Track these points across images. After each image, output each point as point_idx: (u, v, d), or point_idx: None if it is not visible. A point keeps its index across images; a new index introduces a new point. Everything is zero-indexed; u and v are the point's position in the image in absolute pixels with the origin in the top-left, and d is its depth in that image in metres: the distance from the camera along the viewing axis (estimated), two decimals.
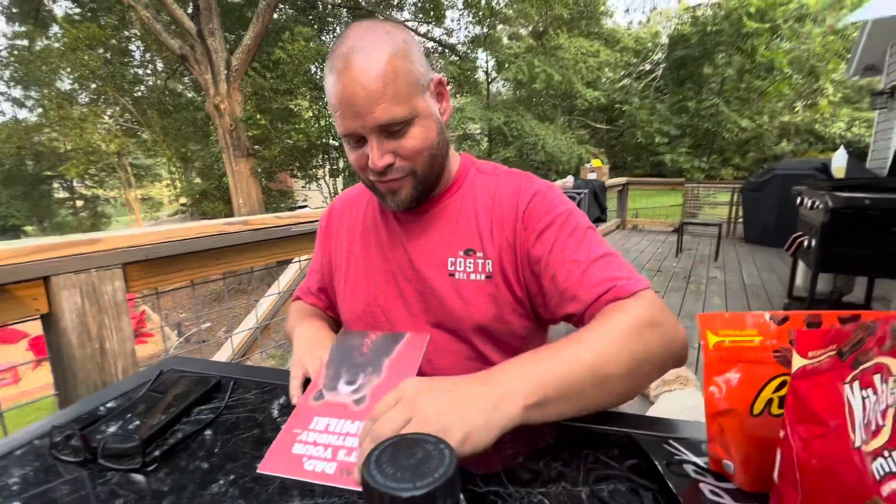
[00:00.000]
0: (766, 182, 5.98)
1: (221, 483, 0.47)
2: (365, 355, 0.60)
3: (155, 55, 12.62)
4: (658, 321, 0.57)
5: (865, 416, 0.37)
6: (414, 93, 0.64)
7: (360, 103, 0.61)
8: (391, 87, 0.61)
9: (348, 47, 0.62)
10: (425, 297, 0.75)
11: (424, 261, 0.75)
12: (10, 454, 0.52)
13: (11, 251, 0.95)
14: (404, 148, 0.65)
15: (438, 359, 0.75)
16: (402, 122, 0.64)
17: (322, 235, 0.89)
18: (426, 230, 0.76)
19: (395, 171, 0.67)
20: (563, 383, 0.48)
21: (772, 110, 17.44)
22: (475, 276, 0.72)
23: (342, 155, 11.47)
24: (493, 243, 0.72)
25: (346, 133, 0.65)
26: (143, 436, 0.51)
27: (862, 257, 2.50)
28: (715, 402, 0.44)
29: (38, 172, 17.06)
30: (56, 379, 1.12)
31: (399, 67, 0.62)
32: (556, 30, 15.42)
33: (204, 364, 0.77)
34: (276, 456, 0.50)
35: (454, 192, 0.77)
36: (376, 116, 0.62)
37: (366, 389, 0.55)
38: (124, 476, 0.48)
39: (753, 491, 0.43)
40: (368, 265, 0.79)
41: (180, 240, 1.26)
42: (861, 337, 0.36)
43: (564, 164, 14.27)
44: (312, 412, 0.54)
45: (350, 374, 0.58)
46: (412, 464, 0.21)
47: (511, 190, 0.74)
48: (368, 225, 0.82)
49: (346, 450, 0.49)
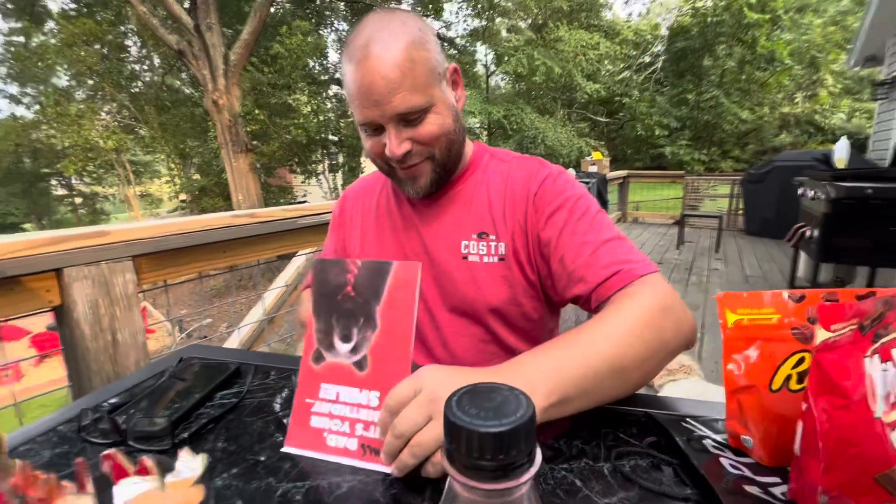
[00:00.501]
0: (766, 174, 5.98)
1: (250, 462, 0.48)
2: (352, 299, 0.53)
3: (152, 50, 12.54)
4: (668, 306, 0.58)
5: (885, 388, 0.38)
6: (431, 81, 0.65)
7: (379, 92, 0.62)
8: (409, 77, 0.62)
9: (366, 37, 0.63)
10: (439, 280, 0.76)
11: (438, 245, 0.76)
12: (41, 436, 0.53)
13: (24, 243, 0.96)
14: (422, 135, 0.66)
15: (453, 342, 0.76)
16: (420, 110, 0.64)
17: (336, 223, 0.90)
18: (440, 215, 0.77)
19: (413, 156, 0.68)
20: (583, 379, 0.48)
21: (772, 102, 17.42)
22: (488, 258, 0.73)
23: (341, 150, 11.46)
24: (505, 226, 0.73)
25: (365, 122, 0.66)
26: (172, 418, 0.52)
27: (863, 247, 2.51)
28: (734, 379, 0.45)
29: (35, 170, 17.01)
30: (70, 371, 1.13)
31: (416, 56, 0.63)
32: (556, 22, 15.34)
33: (222, 352, 0.78)
34: (298, 431, 0.51)
35: (468, 177, 0.78)
36: (395, 105, 0.63)
37: (364, 348, 0.51)
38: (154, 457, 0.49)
39: (772, 465, 0.44)
40: (382, 250, 0.81)
41: (189, 232, 1.26)
42: (882, 311, 0.37)
43: (564, 157, 14.24)
44: (318, 377, 0.53)
45: (342, 327, 0.52)
46: (493, 406, 0.22)
47: (523, 174, 0.75)
48: (382, 210, 0.83)
49: (362, 423, 0.49)
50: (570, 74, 14.20)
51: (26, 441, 0.52)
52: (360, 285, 0.53)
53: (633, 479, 0.43)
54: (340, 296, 0.53)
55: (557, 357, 0.50)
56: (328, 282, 0.54)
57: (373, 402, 0.50)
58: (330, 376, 0.52)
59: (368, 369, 0.51)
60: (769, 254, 5.32)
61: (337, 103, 11.54)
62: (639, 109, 17.03)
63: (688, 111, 16.77)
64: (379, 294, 0.52)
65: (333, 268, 0.54)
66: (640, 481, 0.43)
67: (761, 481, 0.42)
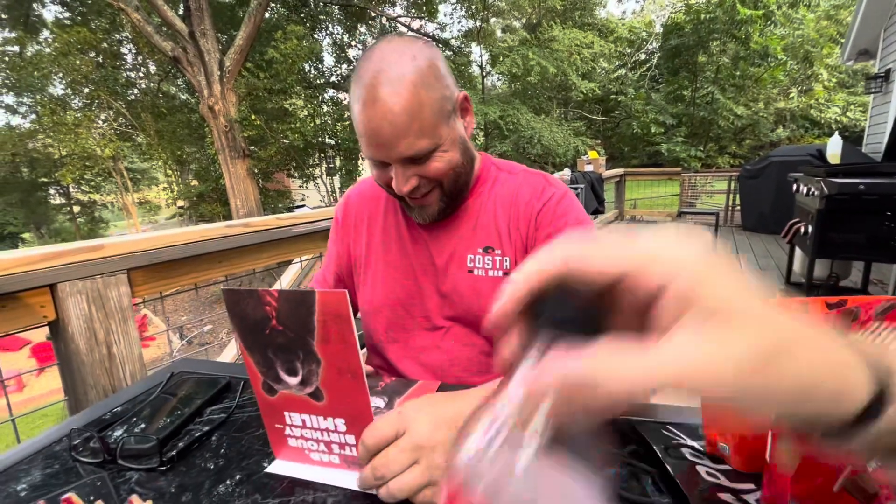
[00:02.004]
0: (762, 169, 6.00)
1: (237, 479, 0.49)
2: (282, 333, 0.46)
3: (147, 58, 12.56)
4: None
5: None
6: (439, 121, 0.65)
7: (386, 137, 0.63)
8: (417, 121, 0.62)
9: (374, 75, 0.62)
10: (443, 292, 0.77)
11: (445, 257, 0.77)
12: (31, 458, 0.54)
13: (17, 260, 0.96)
14: (429, 171, 0.67)
15: (455, 352, 0.77)
16: (427, 152, 0.65)
17: (339, 227, 0.90)
18: (448, 228, 0.78)
19: (420, 188, 0.69)
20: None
21: (767, 97, 17.44)
22: (493, 272, 0.74)
23: (338, 154, 11.47)
24: (510, 241, 0.75)
25: (371, 158, 0.67)
26: (160, 436, 0.52)
27: (858, 242, 2.52)
28: None
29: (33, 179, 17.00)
30: (65, 385, 1.13)
31: (425, 98, 0.63)
32: (550, 22, 15.37)
33: (213, 366, 0.79)
34: (281, 449, 0.52)
35: (476, 193, 0.79)
36: (401, 150, 0.63)
37: (314, 381, 0.47)
38: (143, 475, 0.50)
39: (747, 471, 0.45)
40: (388, 259, 0.81)
41: (183, 244, 1.27)
42: (846, 322, 0.38)
43: (561, 156, 14.27)
44: (279, 407, 0.50)
45: (283, 361, 0.47)
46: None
47: (529, 190, 0.76)
48: (389, 220, 0.83)
49: (336, 444, 0.49)
50: (564, 73, 14.23)
51: (18, 462, 0.53)
52: (285, 318, 0.46)
53: (612, 489, 0.44)
54: (267, 330, 0.46)
55: None
56: (247, 315, 0.47)
57: (340, 428, 0.49)
58: (290, 405, 0.49)
59: (325, 400, 0.48)
60: (766, 249, 5.34)
61: (333, 107, 11.55)
62: (634, 107, 17.06)
63: (683, 108, 16.79)
64: (310, 328, 0.45)
65: (247, 299, 0.46)
66: (619, 491, 0.43)
67: (736, 488, 0.42)
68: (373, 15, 11.57)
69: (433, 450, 0.42)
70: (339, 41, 12.22)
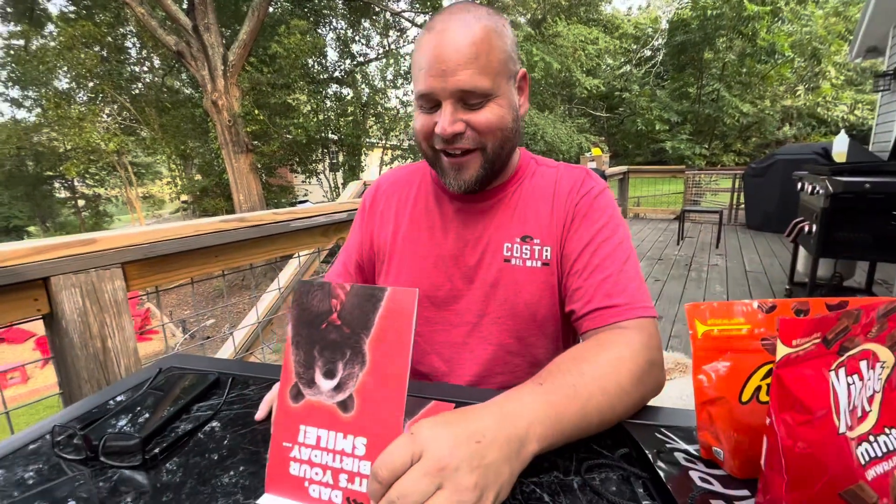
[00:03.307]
0: (767, 167, 5.95)
1: (221, 478, 0.48)
2: (338, 329, 0.46)
3: (151, 52, 12.56)
4: (657, 361, 0.59)
5: (851, 402, 0.37)
6: (502, 70, 0.65)
7: (449, 63, 0.61)
8: (483, 57, 0.62)
9: (450, 13, 0.64)
10: (475, 283, 0.75)
11: (481, 247, 0.75)
12: (14, 453, 0.53)
13: (10, 253, 0.96)
14: (479, 121, 0.65)
15: (480, 349, 0.75)
16: (483, 94, 0.63)
17: (366, 214, 0.86)
18: (483, 218, 0.76)
19: (463, 140, 0.66)
20: (575, 428, 0.48)
21: (773, 94, 17.31)
22: (531, 262, 0.73)
23: (341, 149, 11.44)
24: (551, 231, 0.73)
25: (425, 92, 0.64)
26: (143, 434, 0.51)
27: (862, 242, 2.49)
28: (704, 391, 0.45)
29: (38, 173, 17.08)
30: (60, 378, 1.13)
31: (494, 42, 0.63)
32: (555, 17, 15.26)
33: (203, 361, 0.78)
34: (278, 478, 0.46)
35: (515, 183, 0.77)
36: (460, 80, 0.61)
37: (350, 386, 0.45)
38: (125, 473, 0.49)
39: (743, 477, 0.43)
40: (416, 249, 0.78)
41: (178, 238, 1.26)
42: (846, 325, 0.36)
43: (564, 153, 14.20)
44: (296, 418, 0.46)
45: (326, 361, 0.46)
46: None
47: (570, 183, 0.75)
48: (420, 208, 0.80)
49: (346, 474, 0.44)
50: (569, 70, 14.14)
51: (1, 458, 0.52)
52: (347, 313, 0.46)
53: (602, 494, 0.43)
54: (324, 324, 0.46)
55: (556, 404, 0.47)
56: (310, 308, 0.47)
57: (359, 451, 0.44)
58: (310, 418, 0.46)
59: (355, 411, 0.44)
60: (770, 248, 5.30)
61: (336, 102, 11.53)
62: (639, 104, 16.96)
63: (689, 105, 16.67)
64: (369, 324, 0.45)
65: (317, 291, 0.48)
66: (609, 496, 0.42)
67: (729, 494, 0.41)
68: (377, 9, 11.51)
69: (457, 469, 0.36)
70: (343, 36, 12.16)
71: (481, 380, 0.75)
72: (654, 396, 0.59)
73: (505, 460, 0.40)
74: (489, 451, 0.39)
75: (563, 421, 0.46)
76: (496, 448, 0.39)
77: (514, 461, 0.41)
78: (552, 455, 0.48)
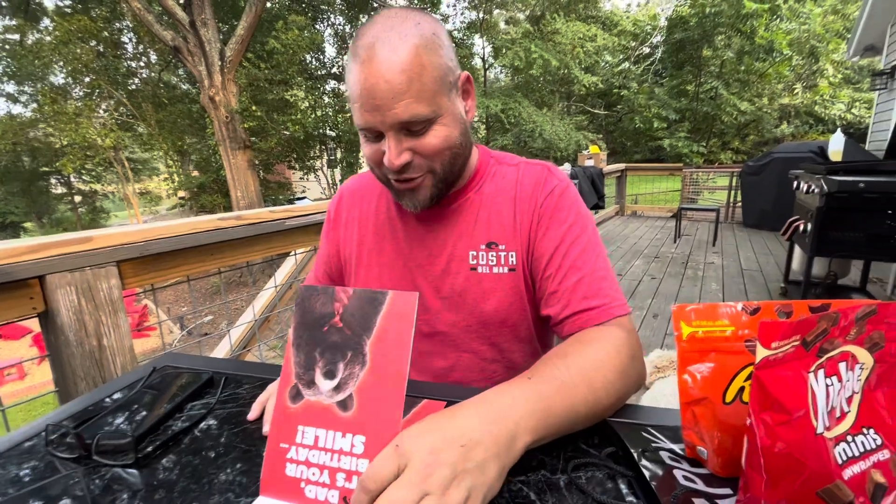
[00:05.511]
0: (764, 166, 5.96)
1: (213, 477, 0.48)
2: (340, 331, 0.47)
3: (148, 47, 12.49)
4: (637, 355, 0.60)
5: (829, 402, 0.38)
6: (440, 90, 0.61)
7: (382, 97, 0.58)
8: (416, 83, 0.58)
9: (373, 36, 0.58)
10: (442, 292, 0.74)
11: (445, 256, 0.74)
12: (9, 451, 0.54)
13: (6, 251, 0.96)
14: (424, 147, 0.62)
15: (456, 358, 0.75)
16: (425, 120, 0.60)
17: (331, 224, 0.85)
18: (446, 225, 0.74)
19: (413, 169, 0.64)
20: (564, 421, 0.48)
21: (771, 92, 17.32)
22: (498, 269, 0.72)
23: (339, 146, 11.41)
24: (515, 235, 0.72)
25: (364, 127, 0.62)
26: (136, 432, 0.52)
27: (857, 240, 2.51)
28: (688, 391, 0.45)
29: (34, 168, 16.99)
30: (56, 376, 1.13)
31: (426, 61, 0.59)
32: (554, 14, 15.23)
33: (198, 360, 0.79)
34: (273, 479, 0.46)
35: (475, 187, 0.75)
36: (397, 113, 0.58)
37: (350, 386, 0.46)
38: (118, 472, 0.50)
39: (726, 475, 0.44)
40: (381, 260, 0.78)
41: (173, 236, 1.26)
42: (825, 327, 0.37)
43: (562, 150, 14.21)
44: (294, 419, 0.47)
45: (326, 362, 0.47)
46: None
47: (532, 181, 0.73)
48: (382, 218, 0.79)
49: (344, 473, 0.44)
50: (567, 67, 14.12)
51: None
52: (349, 316, 0.47)
53: (588, 492, 0.43)
54: (326, 327, 0.48)
55: (546, 397, 0.48)
56: (313, 311, 0.48)
57: (357, 449, 0.44)
58: (308, 418, 0.46)
59: (354, 410, 0.45)
60: (766, 246, 5.32)
61: (334, 98, 11.49)
62: (637, 101, 16.95)
63: (687, 103, 16.67)
64: (370, 326, 0.46)
65: (320, 296, 0.49)
66: (594, 494, 0.43)
67: (711, 493, 0.42)
68: (375, 5, 11.47)
69: (442, 476, 0.37)
70: (341, 32, 12.12)
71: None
72: (636, 390, 0.60)
73: (493, 458, 0.40)
74: (474, 452, 0.39)
75: (553, 414, 0.47)
76: (482, 449, 0.40)
77: (503, 457, 0.41)
78: (539, 453, 0.49)
